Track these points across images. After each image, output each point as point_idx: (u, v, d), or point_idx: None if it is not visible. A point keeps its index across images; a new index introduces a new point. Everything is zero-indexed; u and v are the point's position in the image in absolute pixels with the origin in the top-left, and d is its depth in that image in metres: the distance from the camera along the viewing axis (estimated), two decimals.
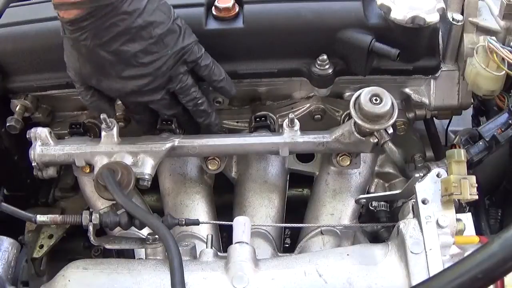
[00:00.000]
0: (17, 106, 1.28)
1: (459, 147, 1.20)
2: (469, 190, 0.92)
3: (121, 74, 1.09)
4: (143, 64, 1.09)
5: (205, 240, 1.11)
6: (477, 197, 0.93)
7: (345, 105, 1.30)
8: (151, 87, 1.12)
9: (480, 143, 1.19)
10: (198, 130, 1.25)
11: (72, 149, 1.19)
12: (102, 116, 1.17)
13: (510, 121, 1.19)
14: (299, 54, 1.22)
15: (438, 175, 0.98)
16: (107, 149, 1.18)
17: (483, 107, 1.40)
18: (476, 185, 0.93)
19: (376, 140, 1.13)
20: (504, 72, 1.11)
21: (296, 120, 1.19)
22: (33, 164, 1.20)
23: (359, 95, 1.10)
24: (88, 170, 1.22)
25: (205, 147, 1.20)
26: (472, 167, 1.17)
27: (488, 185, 1.29)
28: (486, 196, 1.35)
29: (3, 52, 1.25)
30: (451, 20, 1.19)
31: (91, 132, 1.32)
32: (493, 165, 1.27)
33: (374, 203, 1.28)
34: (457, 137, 1.23)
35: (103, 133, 1.19)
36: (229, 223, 1.09)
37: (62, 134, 1.32)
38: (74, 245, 1.42)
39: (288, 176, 1.36)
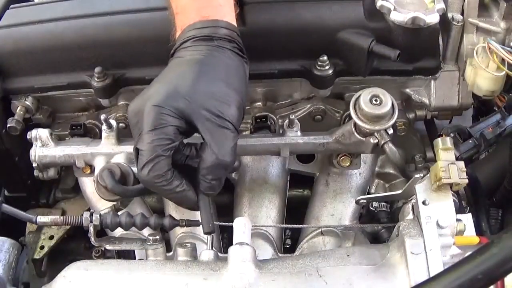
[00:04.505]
0: (17, 107, 1.28)
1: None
2: (458, 174, 0.92)
3: None
4: None
5: (206, 241, 1.11)
6: (467, 181, 0.92)
7: (345, 106, 1.30)
8: None
9: (470, 141, 1.20)
10: None
11: (72, 150, 1.19)
12: (103, 117, 1.17)
13: (500, 121, 1.20)
14: (299, 55, 1.22)
15: None
16: (108, 150, 1.17)
17: (484, 108, 1.41)
18: (465, 169, 0.92)
19: (376, 141, 1.13)
20: (504, 72, 1.11)
21: (296, 121, 1.19)
22: (33, 165, 1.20)
23: (359, 96, 1.10)
24: (88, 171, 1.22)
25: None
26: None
27: (488, 185, 1.28)
28: (486, 197, 1.35)
29: (3, 53, 1.25)
30: (451, 20, 1.19)
31: (92, 133, 1.32)
32: (493, 165, 1.27)
33: (375, 204, 1.28)
34: (444, 129, 1.24)
35: (103, 134, 1.18)
36: (230, 224, 1.09)
37: (62, 135, 1.31)
38: (75, 246, 1.42)
39: (289, 176, 1.36)
